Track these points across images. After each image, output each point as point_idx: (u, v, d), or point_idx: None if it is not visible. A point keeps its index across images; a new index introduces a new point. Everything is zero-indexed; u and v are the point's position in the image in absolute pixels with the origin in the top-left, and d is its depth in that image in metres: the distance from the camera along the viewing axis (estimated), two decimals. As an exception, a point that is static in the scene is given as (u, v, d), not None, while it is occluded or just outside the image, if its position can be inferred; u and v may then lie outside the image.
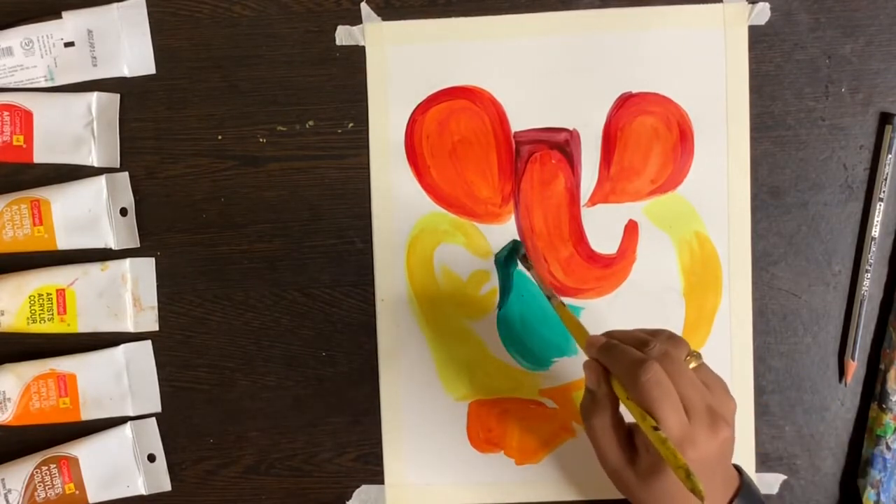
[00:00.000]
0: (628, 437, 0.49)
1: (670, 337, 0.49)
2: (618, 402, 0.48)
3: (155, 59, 0.60)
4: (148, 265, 0.61)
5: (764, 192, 0.60)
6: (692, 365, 0.48)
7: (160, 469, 0.61)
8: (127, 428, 0.61)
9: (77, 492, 0.60)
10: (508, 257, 0.60)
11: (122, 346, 0.61)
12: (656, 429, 0.44)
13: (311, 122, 0.60)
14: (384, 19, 0.60)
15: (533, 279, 0.58)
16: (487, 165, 0.60)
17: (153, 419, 0.61)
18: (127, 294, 0.60)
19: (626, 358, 0.47)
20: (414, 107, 0.60)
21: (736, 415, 0.49)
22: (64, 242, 0.60)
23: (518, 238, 0.60)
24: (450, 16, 0.60)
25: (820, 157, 0.60)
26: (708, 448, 0.46)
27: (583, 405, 0.50)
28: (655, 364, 0.45)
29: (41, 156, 0.60)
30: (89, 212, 0.60)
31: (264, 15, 0.60)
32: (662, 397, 0.45)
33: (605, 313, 0.60)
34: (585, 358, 0.61)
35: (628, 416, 0.48)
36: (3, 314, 0.59)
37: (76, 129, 0.60)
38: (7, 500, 0.59)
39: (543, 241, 0.60)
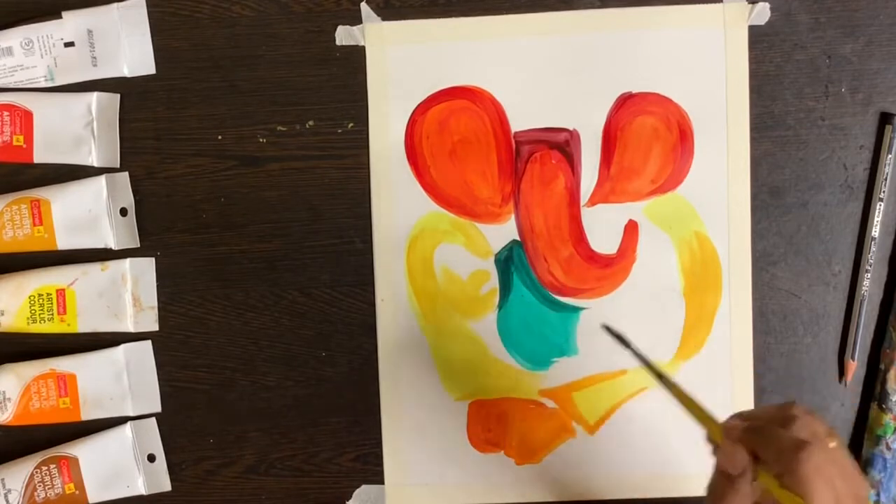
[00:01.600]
0: None
1: (808, 411, 0.45)
2: (753, 486, 0.44)
3: (155, 59, 0.60)
4: (148, 265, 0.61)
5: (764, 192, 0.60)
6: (832, 444, 0.44)
7: (160, 469, 0.61)
8: (127, 428, 0.61)
9: (77, 492, 0.60)
10: (505, 265, 0.60)
11: (122, 346, 0.61)
12: None
13: (311, 122, 0.60)
14: (384, 19, 0.60)
15: (638, 358, 0.51)
16: (487, 165, 0.60)
17: (153, 419, 0.61)
18: (127, 294, 0.60)
19: (781, 442, 0.42)
20: (414, 107, 0.60)
21: None
22: (64, 242, 0.60)
23: (518, 239, 0.60)
24: (450, 16, 0.60)
25: (820, 157, 0.60)
26: None
27: (716, 490, 0.45)
28: (818, 450, 0.41)
29: (41, 156, 0.60)
30: (89, 212, 0.60)
31: (264, 15, 0.60)
32: (822, 487, 0.41)
33: (605, 313, 0.60)
34: (585, 358, 0.61)
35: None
36: (3, 314, 0.59)
37: (76, 129, 0.60)
38: (7, 500, 0.59)
39: (543, 241, 0.60)
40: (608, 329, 0.52)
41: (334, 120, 0.60)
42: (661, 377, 0.49)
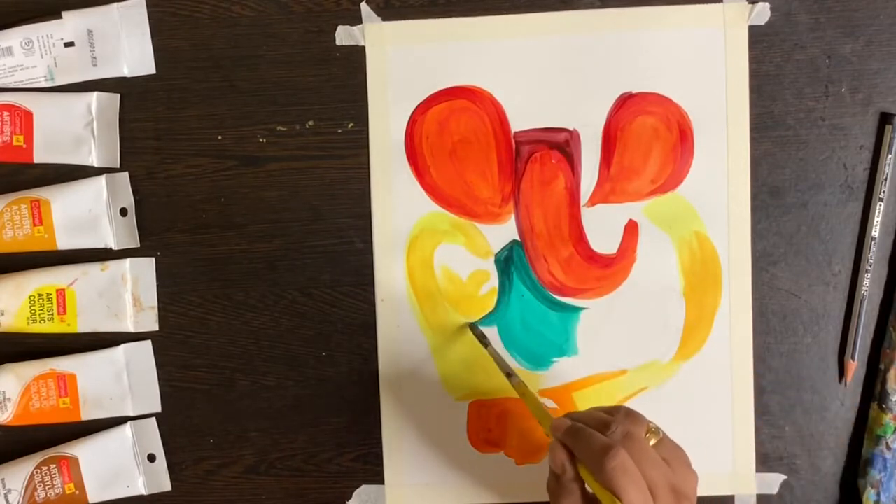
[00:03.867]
0: None
1: (628, 414, 0.49)
2: (583, 484, 0.48)
3: (155, 59, 0.60)
4: (148, 265, 0.61)
5: (764, 192, 0.60)
6: (652, 442, 0.48)
7: (160, 469, 0.61)
8: (127, 428, 0.61)
9: (77, 492, 0.60)
10: (505, 265, 0.60)
11: (122, 346, 0.61)
12: None
13: (311, 122, 0.60)
14: (384, 19, 0.60)
15: (492, 357, 0.58)
16: (487, 165, 0.60)
17: (153, 419, 0.61)
18: (127, 294, 0.60)
19: (592, 444, 0.47)
20: (414, 107, 0.60)
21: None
22: (64, 242, 0.60)
23: (518, 239, 0.60)
24: (450, 16, 0.60)
25: (820, 157, 0.60)
26: None
27: (549, 487, 0.50)
28: (622, 450, 0.46)
29: (41, 156, 0.60)
30: (89, 212, 0.60)
31: (264, 15, 0.60)
32: (629, 483, 0.45)
33: (605, 313, 0.60)
34: (585, 358, 0.61)
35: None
36: (3, 314, 0.59)
37: (76, 129, 0.60)
38: (7, 500, 0.59)
39: (543, 241, 0.60)
40: (472, 327, 0.60)
41: (334, 120, 0.60)
42: (509, 377, 0.56)
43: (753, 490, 0.60)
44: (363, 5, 0.60)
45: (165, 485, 0.61)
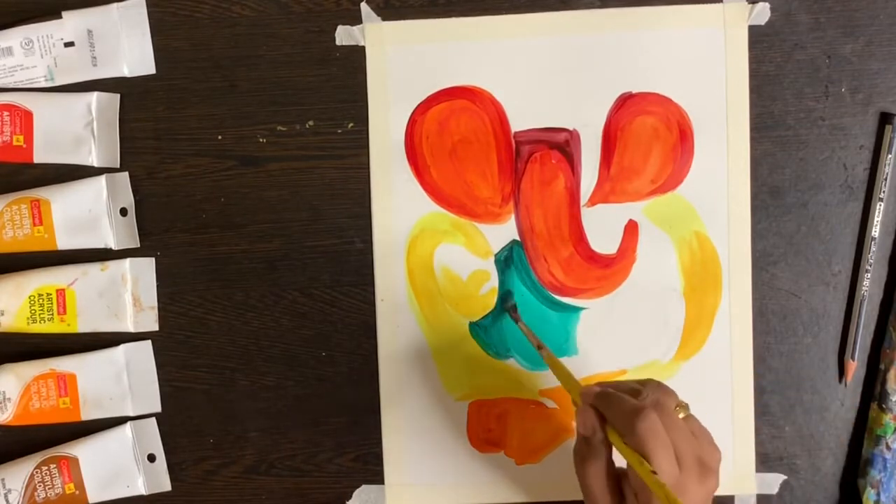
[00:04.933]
0: (618, 483, 0.50)
1: (659, 385, 0.50)
2: (611, 448, 0.49)
3: (155, 59, 0.60)
4: (148, 265, 0.61)
5: (764, 192, 0.60)
6: (681, 415, 0.49)
7: (160, 469, 0.61)
8: (127, 428, 0.61)
9: (77, 492, 0.60)
10: (505, 265, 0.60)
11: (122, 346, 0.61)
12: (654, 473, 0.45)
13: (311, 122, 0.60)
14: (384, 19, 0.60)
15: (522, 332, 0.58)
16: (487, 165, 0.60)
17: (153, 419, 0.61)
18: (127, 294, 0.60)
19: (623, 406, 0.48)
20: (414, 107, 0.60)
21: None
22: (64, 242, 0.60)
23: (518, 239, 0.60)
24: (450, 16, 0.60)
25: (820, 157, 0.60)
26: (696, 497, 0.47)
27: (576, 451, 0.51)
28: (653, 412, 0.46)
29: (41, 156, 0.60)
30: (89, 212, 0.60)
31: (264, 15, 0.60)
32: (658, 445, 0.46)
33: (605, 313, 0.60)
34: (585, 358, 0.61)
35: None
36: (3, 314, 0.59)
37: (76, 129, 0.60)
38: (7, 500, 0.59)
39: (543, 241, 0.60)
40: (504, 301, 0.60)
41: (334, 120, 0.60)
42: (539, 349, 0.56)
43: (753, 490, 0.60)
44: (363, 5, 0.60)
45: (165, 485, 0.61)
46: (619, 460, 0.48)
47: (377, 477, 0.61)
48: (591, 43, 0.59)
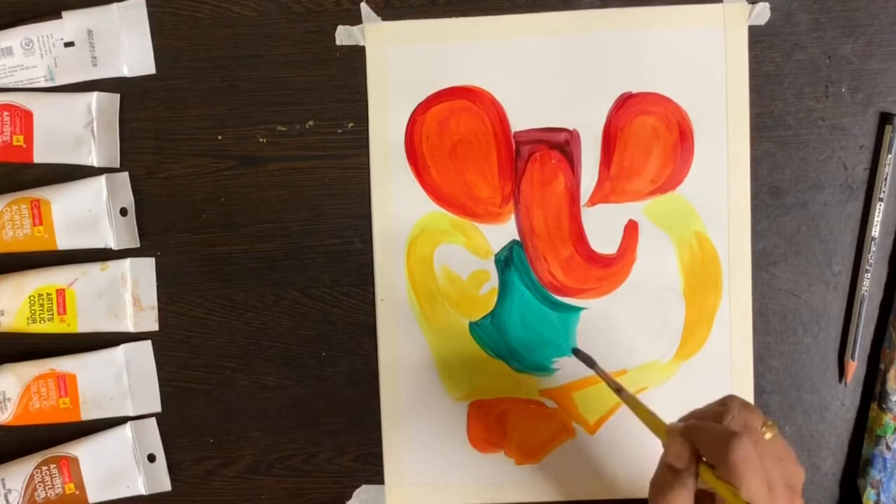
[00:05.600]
0: None
1: (744, 404, 0.48)
2: (697, 479, 0.47)
3: (155, 59, 0.60)
4: (148, 265, 0.61)
5: (764, 192, 0.60)
6: (768, 436, 0.47)
7: (160, 469, 0.61)
8: (127, 428, 0.61)
9: (77, 492, 0.60)
10: (505, 265, 0.60)
11: (122, 346, 0.61)
12: None
13: (311, 122, 0.60)
14: (384, 19, 0.60)
15: (600, 376, 0.56)
16: (487, 165, 0.60)
17: (153, 419, 0.61)
18: (127, 294, 0.60)
19: (713, 435, 0.46)
20: (414, 107, 0.60)
21: None
22: (64, 242, 0.60)
23: (518, 239, 0.60)
24: (450, 16, 0.60)
25: (820, 157, 0.60)
26: None
27: (658, 483, 0.48)
28: (746, 440, 0.44)
29: (41, 156, 0.60)
30: (89, 212, 0.60)
31: (264, 15, 0.60)
32: (752, 474, 0.44)
33: (605, 313, 0.60)
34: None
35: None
36: (3, 314, 0.59)
37: (76, 129, 0.60)
38: (7, 500, 0.59)
39: (543, 241, 0.60)
40: (576, 352, 0.58)
41: (334, 120, 0.60)
42: (618, 392, 0.53)
43: (753, 490, 0.60)
44: (363, 5, 0.60)
45: (165, 485, 0.61)
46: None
47: (377, 477, 0.61)
48: (591, 43, 0.60)
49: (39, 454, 0.60)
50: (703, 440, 0.46)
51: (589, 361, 0.57)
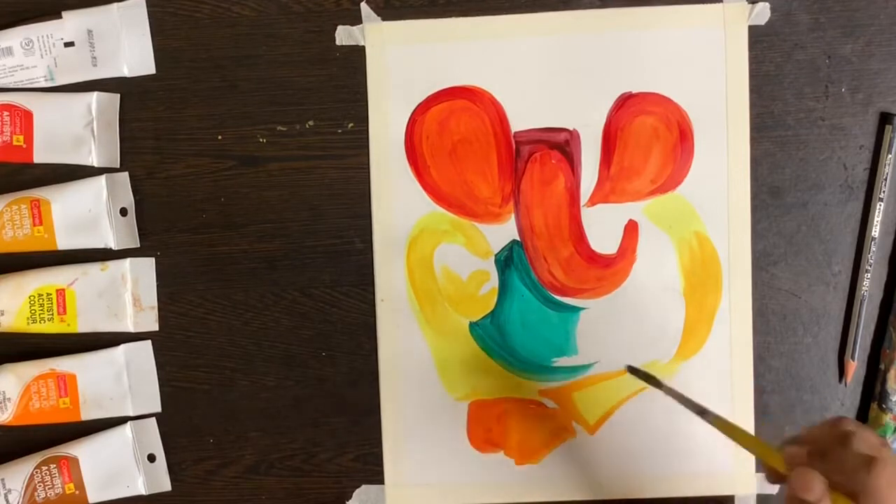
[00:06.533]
0: None
1: (860, 425, 0.45)
2: None
3: (155, 59, 0.60)
4: (148, 265, 0.61)
5: (764, 192, 0.60)
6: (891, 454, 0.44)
7: (160, 469, 0.61)
8: (127, 428, 0.61)
9: (77, 492, 0.60)
10: (505, 265, 0.60)
11: (122, 346, 0.61)
12: None
13: (311, 122, 0.60)
14: (384, 19, 0.60)
15: (672, 397, 0.52)
16: (487, 165, 0.60)
17: (153, 419, 0.61)
18: (127, 294, 0.60)
19: (849, 462, 0.43)
20: (414, 107, 0.60)
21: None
22: (64, 242, 0.60)
23: (518, 239, 0.60)
24: (450, 16, 0.60)
25: (820, 157, 0.60)
26: None
27: None
28: (886, 463, 0.42)
29: (41, 156, 0.60)
30: (89, 212, 0.60)
31: (264, 15, 0.60)
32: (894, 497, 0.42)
33: (605, 313, 0.60)
34: (585, 358, 0.61)
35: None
36: (3, 314, 0.59)
37: (76, 129, 0.60)
38: (7, 500, 0.59)
39: (543, 241, 0.60)
40: (633, 371, 0.55)
41: (334, 120, 0.60)
42: (702, 413, 0.48)
43: (753, 490, 0.60)
44: (363, 5, 0.60)
45: (165, 485, 0.61)
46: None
47: (377, 477, 0.61)
48: (591, 43, 0.59)
49: (39, 454, 0.60)
50: (837, 468, 0.43)
51: (652, 381, 0.53)
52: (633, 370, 0.57)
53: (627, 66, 0.59)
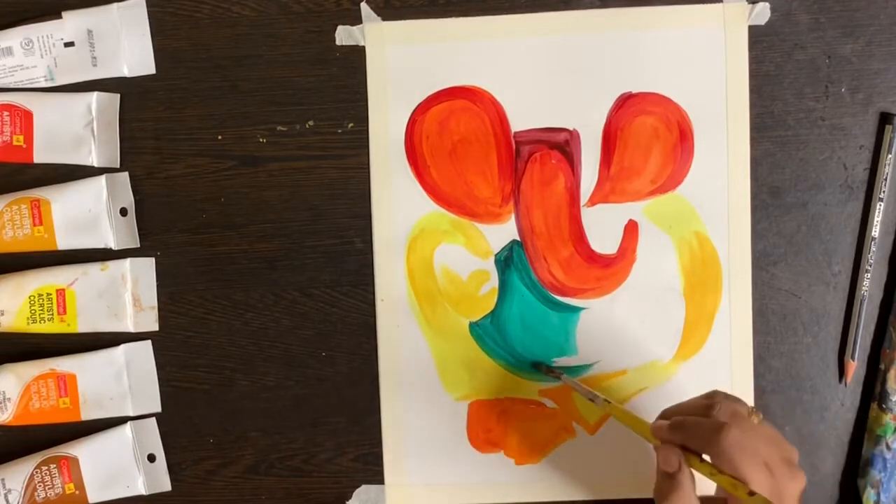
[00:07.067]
0: None
1: (727, 395, 0.48)
2: (695, 480, 0.47)
3: (155, 59, 0.60)
4: (148, 265, 0.61)
5: (764, 192, 0.60)
6: (755, 421, 0.47)
7: (160, 469, 0.61)
8: (127, 428, 0.61)
9: (77, 492, 0.60)
10: (505, 265, 0.60)
11: (122, 346, 0.61)
12: (752, 493, 0.43)
13: (311, 122, 0.60)
14: (384, 19, 0.60)
15: (573, 386, 0.58)
16: (487, 165, 0.60)
17: (153, 419, 0.61)
18: (127, 294, 0.60)
19: (702, 429, 0.46)
20: (414, 107, 0.60)
21: None
22: (64, 242, 0.60)
23: (518, 239, 0.60)
24: (450, 16, 0.60)
25: (820, 157, 0.60)
26: (794, 498, 0.46)
27: (660, 490, 0.48)
28: (734, 427, 0.45)
29: (41, 156, 0.60)
30: (89, 212, 0.60)
31: (264, 15, 0.60)
32: (748, 459, 0.44)
33: (605, 313, 0.60)
34: (585, 358, 0.61)
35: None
36: (3, 314, 0.59)
37: (76, 129, 0.60)
38: (7, 500, 0.59)
39: (543, 241, 0.60)
40: (536, 365, 0.60)
41: (334, 120, 0.60)
42: (592, 400, 0.54)
43: (753, 490, 0.60)
44: (363, 5, 0.60)
45: (165, 485, 0.61)
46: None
47: (377, 477, 0.61)
48: (591, 43, 0.59)
49: (39, 454, 0.60)
50: (691, 436, 0.47)
51: (553, 373, 0.59)
52: (537, 365, 0.60)
53: (627, 66, 0.59)
